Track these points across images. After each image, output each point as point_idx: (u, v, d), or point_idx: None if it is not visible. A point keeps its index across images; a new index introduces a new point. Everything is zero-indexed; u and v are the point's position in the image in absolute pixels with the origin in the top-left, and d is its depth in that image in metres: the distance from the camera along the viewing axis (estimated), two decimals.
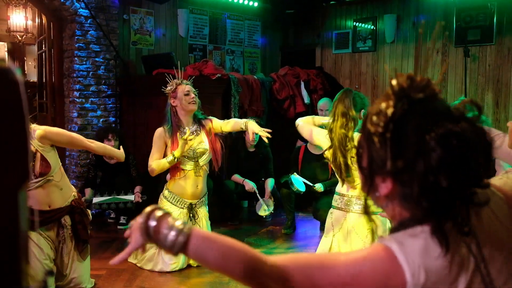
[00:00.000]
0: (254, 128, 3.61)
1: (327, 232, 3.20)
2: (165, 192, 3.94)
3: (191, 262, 3.90)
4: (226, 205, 5.33)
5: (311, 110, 6.75)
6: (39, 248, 3.13)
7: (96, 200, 4.70)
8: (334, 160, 3.00)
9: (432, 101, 0.97)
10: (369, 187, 1.00)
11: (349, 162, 2.99)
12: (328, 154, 3.05)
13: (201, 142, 3.86)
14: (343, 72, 7.24)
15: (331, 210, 3.19)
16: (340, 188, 3.15)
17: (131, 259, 3.98)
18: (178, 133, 3.78)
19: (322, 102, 6.19)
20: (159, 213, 1.03)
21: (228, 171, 5.32)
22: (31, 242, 3.04)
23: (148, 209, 1.05)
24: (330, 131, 3.00)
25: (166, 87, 3.91)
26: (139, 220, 1.03)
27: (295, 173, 4.88)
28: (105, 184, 5.02)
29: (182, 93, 3.81)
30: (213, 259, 0.99)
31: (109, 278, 3.64)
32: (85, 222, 3.35)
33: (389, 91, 0.98)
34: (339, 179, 3.08)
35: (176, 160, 3.68)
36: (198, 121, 3.92)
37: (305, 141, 5.07)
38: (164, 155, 3.77)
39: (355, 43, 7.05)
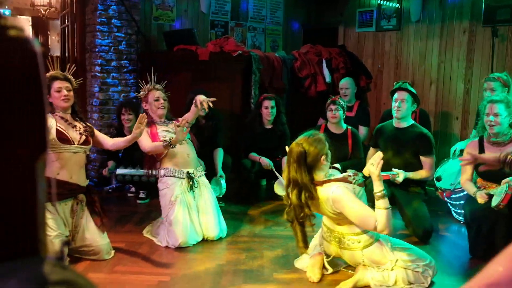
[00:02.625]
0: (200, 97, 3.95)
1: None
2: (161, 171, 4.06)
3: (207, 236, 3.95)
4: (244, 184, 5.35)
5: (332, 89, 6.68)
6: (56, 219, 3.25)
7: (120, 171, 4.83)
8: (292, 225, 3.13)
9: None
10: None
11: (307, 228, 3.09)
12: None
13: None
14: (366, 51, 7.12)
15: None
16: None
17: (147, 235, 4.04)
18: (155, 126, 4.10)
19: (344, 81, 6.12)
20: None
21: (244, 149, 5.32)
22: (48, 213, 3.15)
23: None
24: (288, 195, 3.08)
25: (140, 92, 4.29)
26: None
27: None
28: (126, 158, 5.09)
29: (152, 99, 4.14)
30: None
31: (128, 251, 3.70)
32: (100, 201, 3.63)
33: None
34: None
35: (171, 146, 3.91)
36: (169, 120, 4.23)
37: (326, 119, 5.03)
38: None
39: (379, 22, 6.91)
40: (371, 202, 4.31)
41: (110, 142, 3.82)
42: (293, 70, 6.42)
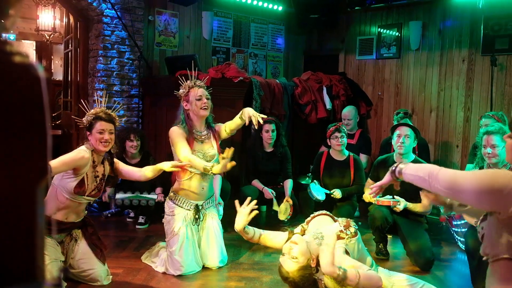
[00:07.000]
0: (249, 111, 3.65)
1: None
2: (171, 194, 3.90)
3: (208, 265, 3.90)
4: None
5: (333, 115, 6.71)
6: (53, 247, 3.23)
7: (119, 196, 4.80)
8: None
9: None
10: None
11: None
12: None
13: (211, 147, 3.84)
14: (366, 78, 7.18)
15: None
16: None
17: (145, 261, 3.99)
18: (193, 135, 3.75)
19: (346, 111, 6.14)
20: None
21: (247, 175, 5.31)
22: (46, 240, 3.12)
23: None
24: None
25: (179, 89, 3.86)
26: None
27: (314, 181, 4.84)
28: (125, 183, 5.07)
29: (194, 97, 3.73)
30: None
31: (126, 277, 3.65)
32: (97, 233, 3.58)
33: None
34: None
35: (211, 173, 3.56)
36: (209, 125, 3.89)
37: (329, 146, 5.04)
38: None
39: (379, 50, 6.99)
40: (372, 229, 4.31)
41: (137, 173, 3.56)
42: (294, 97, 6.46)
